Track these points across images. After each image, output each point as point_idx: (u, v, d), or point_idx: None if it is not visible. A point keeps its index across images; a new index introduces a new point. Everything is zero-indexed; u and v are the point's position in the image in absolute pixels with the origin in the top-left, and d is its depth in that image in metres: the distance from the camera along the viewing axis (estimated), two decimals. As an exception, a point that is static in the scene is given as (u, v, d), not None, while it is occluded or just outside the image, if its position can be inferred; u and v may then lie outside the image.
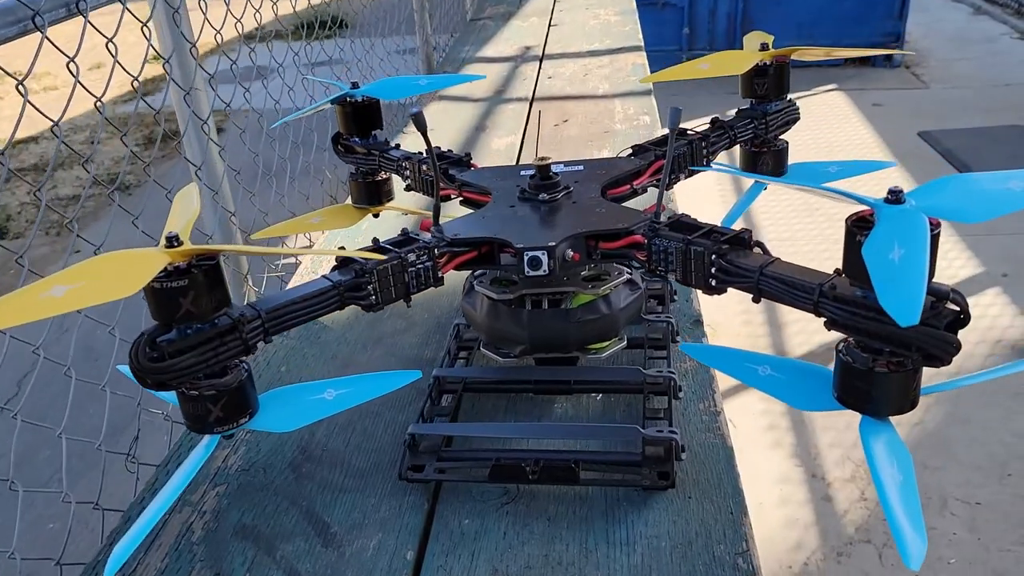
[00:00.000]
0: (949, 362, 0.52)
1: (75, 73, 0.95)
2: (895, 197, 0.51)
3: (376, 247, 0.69)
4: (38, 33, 0.81)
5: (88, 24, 0.82)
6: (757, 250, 0.63)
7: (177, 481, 0.61)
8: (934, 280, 0.52)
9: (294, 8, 1.80)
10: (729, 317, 2.61)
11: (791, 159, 0.96)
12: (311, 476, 0.75)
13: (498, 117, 1.70)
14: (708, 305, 0.98)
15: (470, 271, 0.80)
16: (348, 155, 1.00)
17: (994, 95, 4.29)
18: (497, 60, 2.13)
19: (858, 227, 0.53)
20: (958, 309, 0.51)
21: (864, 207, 0.53)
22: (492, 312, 0.76)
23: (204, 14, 1.22)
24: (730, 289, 0.63)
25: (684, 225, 0.66)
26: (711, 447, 0.74)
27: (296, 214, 1.08)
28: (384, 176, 0.99)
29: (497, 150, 1.53)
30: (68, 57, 0.93)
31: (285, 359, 0.94)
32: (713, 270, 0.62)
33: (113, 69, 1.07)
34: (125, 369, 0.62)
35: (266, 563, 0.66)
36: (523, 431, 0.75)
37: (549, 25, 2.42)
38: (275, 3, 1.60)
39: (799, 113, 0.95)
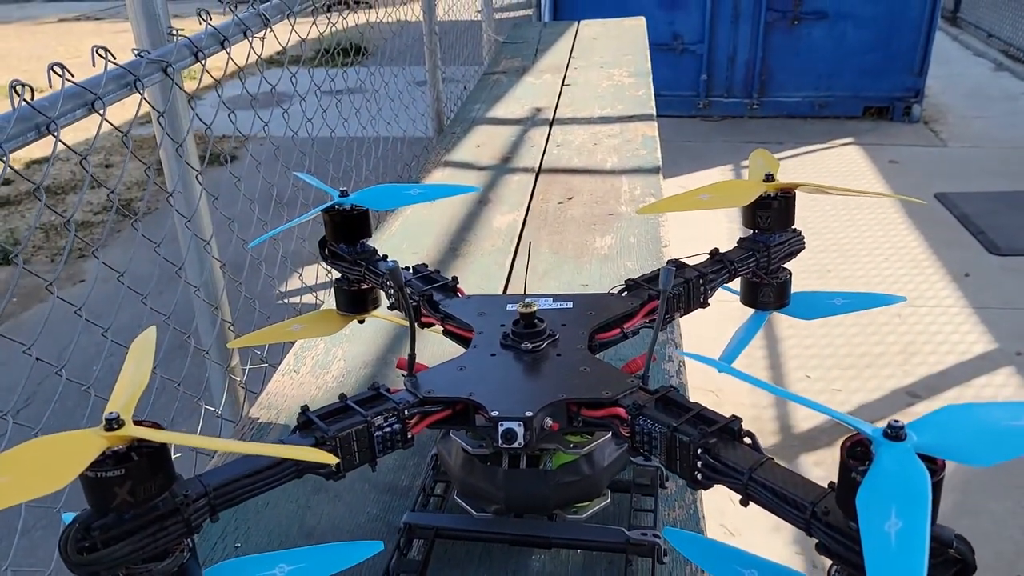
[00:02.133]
0: (950, 613, 0.47)
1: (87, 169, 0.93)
2: (895, 433, 0.46)
3: (343, 405, 0.65)
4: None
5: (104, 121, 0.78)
6: (747, 441, 0.58)
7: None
8: (938, 523, 0.47)
9: (320, 33, 1.77)
10: (734, 383, 2.56)
11: (806, 213, 0.91)
12: (267, 632, 0.70)
13: (502, 190, 1.67)
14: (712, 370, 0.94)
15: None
16: (334, 262, 0.96)
17: (1013, 157, 4.23)
18: (507, 122, 2.10)
19: (854, 457, 0.48)
20: (963, 558, 0.47)
21: (862, 435, 0.49)
22: (467, 465, 0.71)
23: (226, 49, 1.18)
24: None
25: (671, 403, 0.61)
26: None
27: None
28: (369, 286, 0.95)
29: (498, 229, 1.50)
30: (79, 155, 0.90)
31: (254, 481, 0.90)
32: (699, 464, 0.57)
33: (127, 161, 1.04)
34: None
35: None
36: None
37: (562, 85, 2.40)
38: (293, 25, 1.56)
39: (804, 243, 0.91)
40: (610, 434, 0.72)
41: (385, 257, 0.94)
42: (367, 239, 0.95)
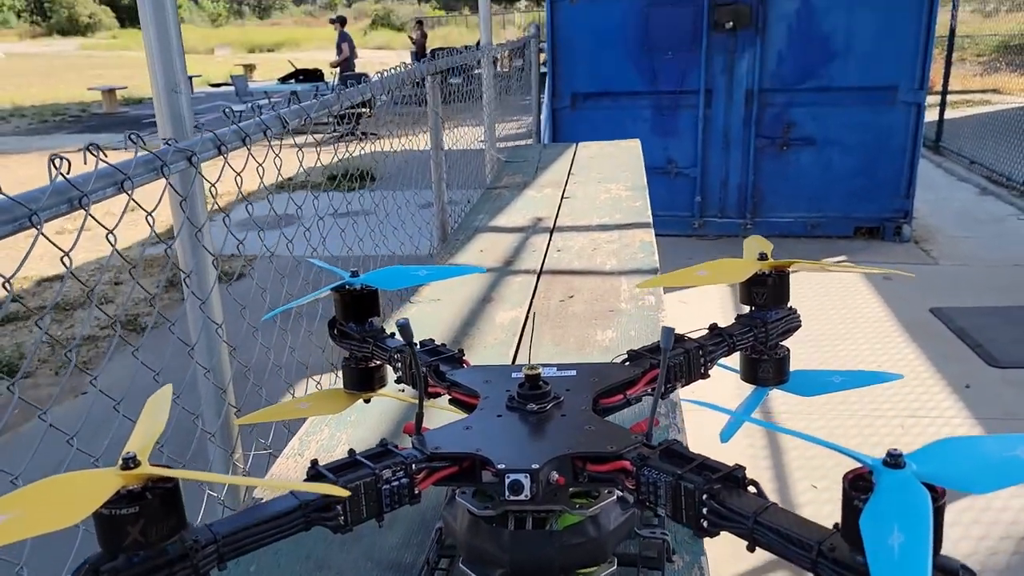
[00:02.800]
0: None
1: (68, 266, 0.97)
2: (894, 461, 0.48)
3: (352, 460, 0.66)
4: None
5: (90, 217, 0.83)
6: (752, 489, 0.59)
7: None
8: (942, 554, 0.48)
9: (333, 157, 1.86)
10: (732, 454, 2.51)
11: (805, 323, 0.93)
12: None
13: (505, 289, 1.71)
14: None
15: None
16: (343, 340, 0.98)
17: (1004, 274, 4.32)
18: (509, 230, 2.17)
19: (856, 489, 0.49)
20: (968, 587, 0.47)
21: (863, 468, 0.50)
22: (472, 528, 0.71)
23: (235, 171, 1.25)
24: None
25: (675, 455, 0.62)
26: None
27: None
28: (377, 363, 0.97)
29: (500, 324, 1.53)
30: (63, 251, 0.94)
31: (255, 557, 0.89)
32: (704, 511, 0.58)
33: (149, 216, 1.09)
34: None
35: None
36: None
37: (562, 197, 2.49)
38: (300, 153, 1.64)
39: (800, 321, 0.93)
40: (615, 497, 0.73)
41: (393, 335, 0.96)
42: (376, 318, 0.98)
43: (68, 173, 0.84)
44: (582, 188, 2.60)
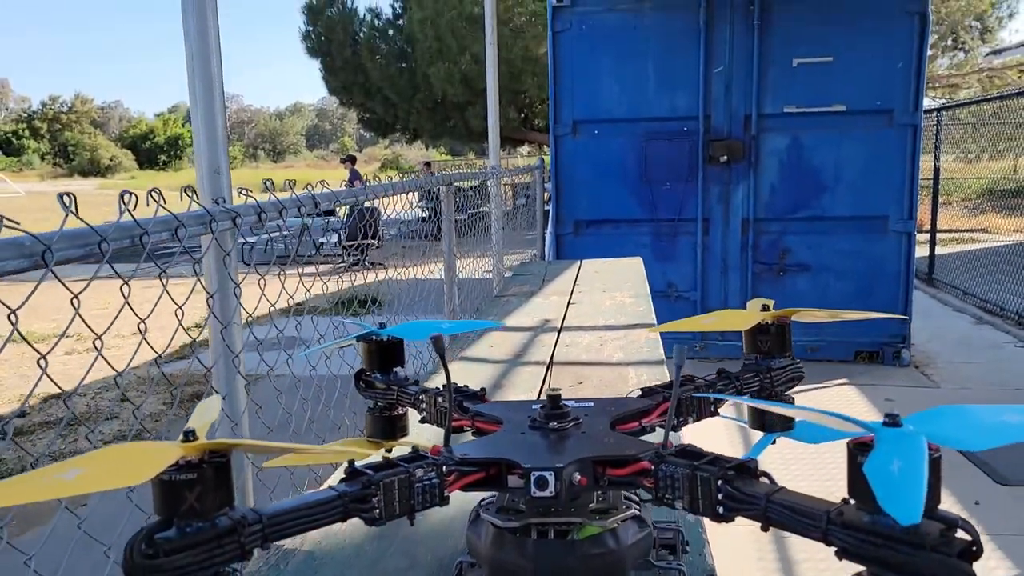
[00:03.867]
0: (964, 592, 0.50)
1: (99, 347, 1.04)
2: (893, 420, 0.52)
3: (386, 461, 0.70)
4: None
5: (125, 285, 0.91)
6: (763, 479, 0.63)
7: None
8: (941, 508, 0.52)
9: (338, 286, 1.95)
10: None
11: (807, 453, 0.98)
12: None
13: (515, 378, 1.76)
14: (720, 555, 0.95)
15: (476, 504, 0.80)
16: (368, 390, 1.03)
17: (1004, 399, 4.34)
18: (518, 329, 2.24)
19: (859, 450, 0.53)
20: (970, 538, 0.51)
21: (864, 433, 0.55)
22: (497, 541, 0.74)
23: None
24: (742, 529, 0.62)
25: (690, 453, 0.67)
26: None
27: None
28: (400, 412, 1.02)
29: (512, 407, 1.56)
30: (93, 331, 1.01)
31: (279, 591, 0.90)
32: (720, 496, 0.62)
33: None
34: None
35: None
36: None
37: (568, 303, 2.58)
38: (305, 283, 1.74)
39: (804, 372, 0.99)
40: (632, 514, 0.76)
41: (416, 382, 1.01)
42: (400, 368, 1.03)
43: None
44: (587, 296, 2.69)
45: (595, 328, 2.20)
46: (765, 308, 0.97)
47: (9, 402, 4.87)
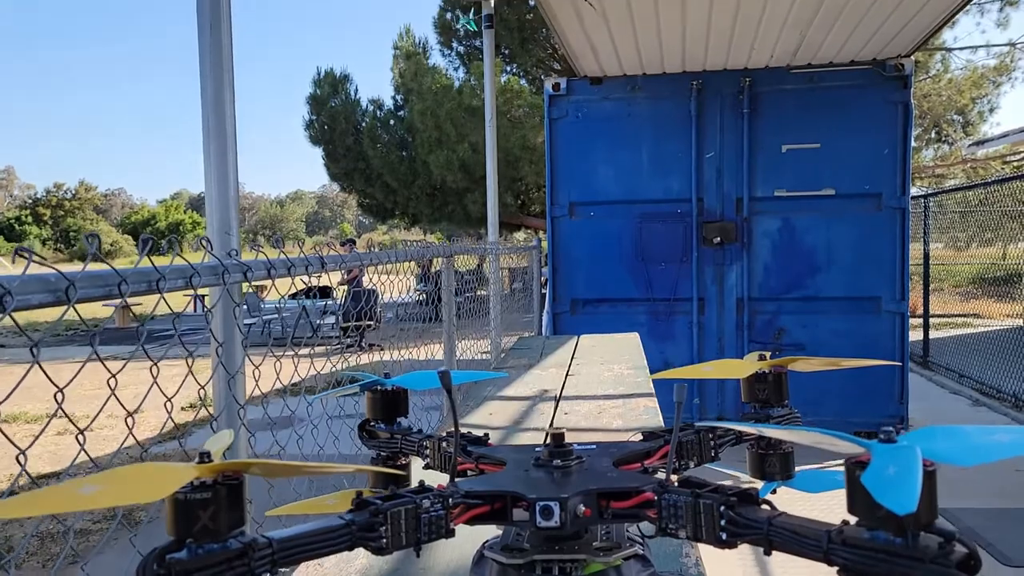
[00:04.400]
0: (965, 603, 0.51)
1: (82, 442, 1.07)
2: (887, 437, 0.54)
3: (393, 493, 0.71)
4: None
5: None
6: (765, 506, 0.64)
7: None
8: (939, 522, 0.53)
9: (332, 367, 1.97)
10: None
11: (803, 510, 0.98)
12: None
13: (515, 443, 1.76)
14: None
15: (480, 545, 0.80)
16: (371, 440, 1.04)
17: (1007, 479, 4.30)
18: (516, 399, 2.25)
19: (856, 467, 0.55)
20: (967, 551, 0.52)
21: (860, 450, 0.56)
22: (501, 579, 0.74)
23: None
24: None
25: (693, 482, 0.68)
26: None
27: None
28: (404, 462, 1.03)
29: (512, 471, 1.56)
30: (79, 428, 1.03)
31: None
32: (723, 523, 0.63)
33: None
34: None
35: None
36: None
37: (566, 375, 2.59)
38: (298, 361, 1.77)
39: (801, 420, 1.00)
40: (636, 549, 0.76)
41: (420, 431, 1.03)
42: (403, 418, 1.04)
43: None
44: (585, 368, 2.71)
45: (594, 397, 2.21)
46: (762, 357, 0.99)
47: (-1, 481, 4.79)
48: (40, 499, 0.51)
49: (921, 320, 8.92)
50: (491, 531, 0.82)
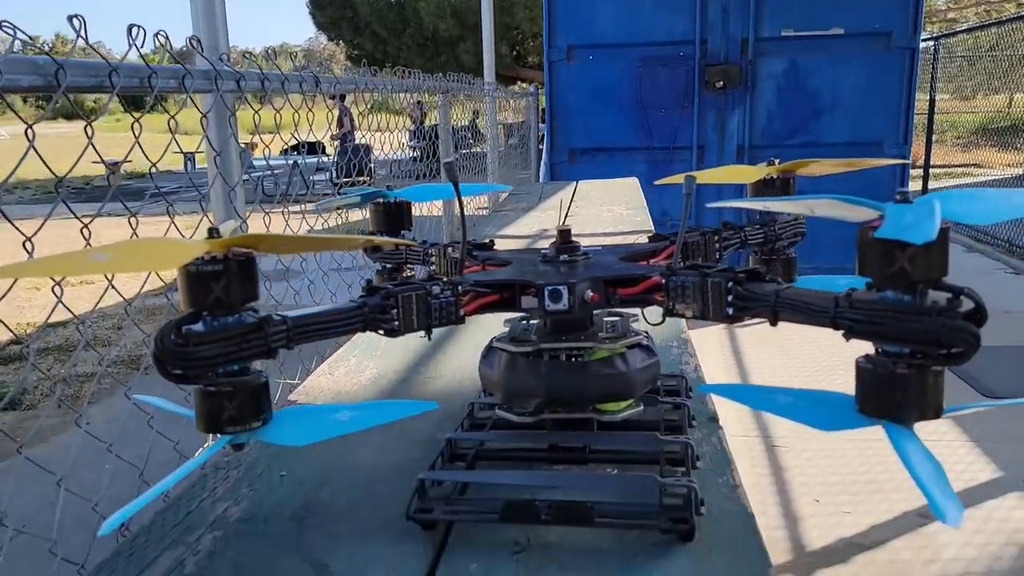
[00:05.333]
0: (970, 356, 0.52)
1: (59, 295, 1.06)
2: (903, 197, 0.54)
3: (403, 280, 0.71)
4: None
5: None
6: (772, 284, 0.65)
7: (181, 469, 0.59)
8: (947, 279, 0.54)
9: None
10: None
11: (794, 350, 0.99)
12: (312, 528, 0.72)
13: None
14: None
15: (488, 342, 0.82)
16: (375, 253, 1.04)
17: (995, 321, 4.37)
18: (517, 237, 2.25)
19: (870, 229, 0.55)
20: (974, 304, 0.53)
21: (875, 215, 0.56)
22: (510, 366, 0.76)
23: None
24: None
25: (700, 266, 0.68)
26: (731, 513, 0.71)
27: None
28: (409, 274, 1.03)
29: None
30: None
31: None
32: (730, 298, 0.64)
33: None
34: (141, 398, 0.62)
35: (259, 595, 0.62)
36: (538, 479, 0.72)
37: (565, 216, 2.58)
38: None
39: (805, 228, 1.00)
40: (642, 337, 0.78)
41: (425, 241, 1.03)
42: (407, 231, 1.04)
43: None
44: (585, 210, 2.70)
45: (593, 235, 2.21)
46: (771, 162, 0.98)
47: (4, 329, 4.87)
48: (55, 262, 0.51)
49: (921, 171, 8.85)
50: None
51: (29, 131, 0.79)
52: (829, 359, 3.81)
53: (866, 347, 0.59)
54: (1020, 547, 2.23)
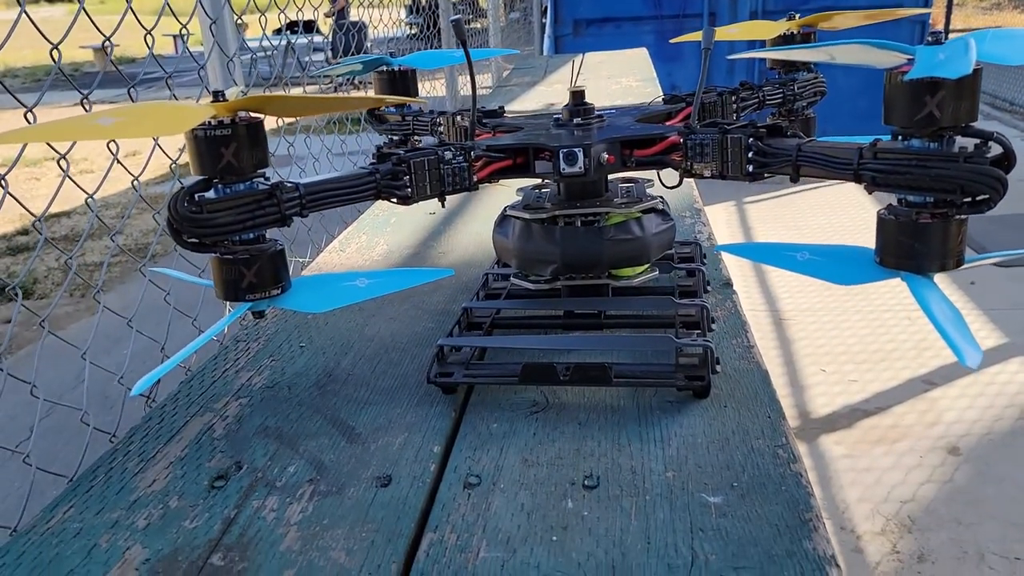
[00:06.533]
0: (996, 202, 0.51)
1: (115, 152, 1.02)
2: (936, 39, 0.51)
3: (414, 148, 0.70)
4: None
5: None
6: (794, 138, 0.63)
7: (209, 331, 0.60)
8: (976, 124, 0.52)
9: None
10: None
11: (807, 230, 0.97)
12: (336, 393, 0.74)
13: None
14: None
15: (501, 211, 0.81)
16: (381, 124, 1.02)
17: (1011, 189, 4.35)
18: (522, 112, 2.20)
19: (898, 74, 0.53)
20: (1003, 148, 0.51)
21: (903, 59, 0.54)
22: (525, 233, 0.76)
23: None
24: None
25: (719, 122, 0.67)
26: (746, 371, 0.72)
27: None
28: (416, 143, 1.01)
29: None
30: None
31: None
32: (750, 154, 0.62)
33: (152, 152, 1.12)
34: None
35: (288, 455, 0.64)
36: (555, 343, 0.73)
37: (575, 80, 2.51)
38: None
39: (826, 87, 0.97)
40: (657, 201, 0.77)
41: (432, 110, 1.00)
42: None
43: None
44: (592, 83, 2.62)
45: (602, 107, 2.15)
46: (791, 16, 0.94)
47: (11, 221, 4.89)
48: (60, 128, 0.50)
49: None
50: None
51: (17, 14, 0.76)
52: (840, 236, 3.80)
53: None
54: (1021, 408, 2.28)
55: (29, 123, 0.77)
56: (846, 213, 4.02)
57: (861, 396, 2.42)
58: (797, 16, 0.94)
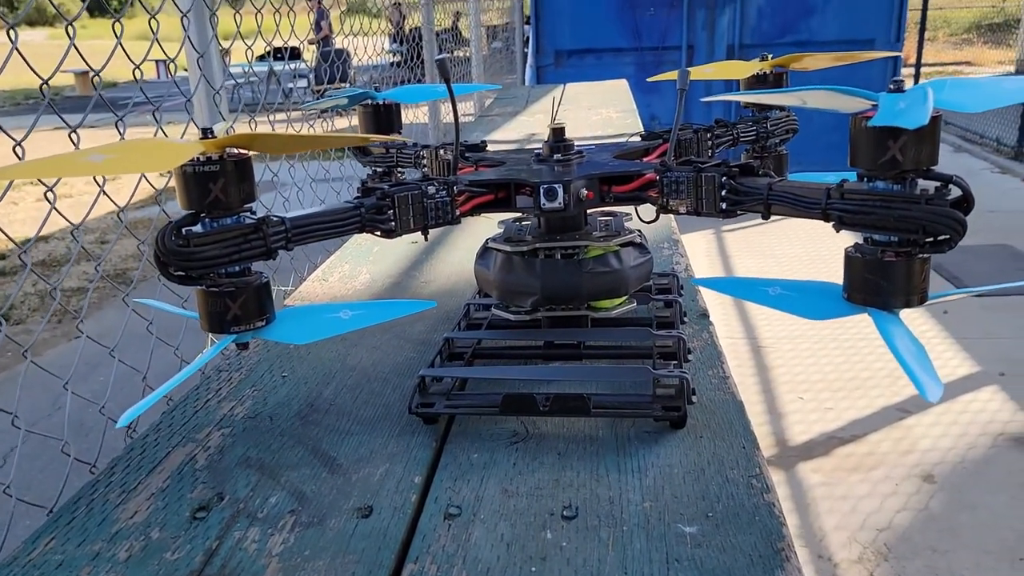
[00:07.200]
0: (956, 242, 0.54)
1: (101, 184, 1.04)
2: (897, 86, 0.54)
3: (398, 182, 0.71)
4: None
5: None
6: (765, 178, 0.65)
7: (192, 365, 0.60)
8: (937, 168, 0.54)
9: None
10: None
11: (779, 250, 1.00)
12: (317, 423, 0.74)
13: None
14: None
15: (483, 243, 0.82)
16: (365, 157, 1.04)
17: (978, 220, 4.43)
18: (504, 142, 2.23)
19: (862, 119, 0.55)
20: (961, 191, 0.54)
21: (868, 104, 0.56)
22: (506, 265, 0.78)
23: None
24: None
25: (694, 161, 0.69)
26: (721, 401, 0.74)
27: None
28: (401, 175, 1.03)
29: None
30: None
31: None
32: (724, 192, 0.65)
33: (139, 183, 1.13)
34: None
35: (270, 485, 0.64)
36: (535, 373, 0.75)
37: (555, 116, 2.54)
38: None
39: (798, 124, 1.00)
40: (635, 234, 0.79)
41: (415, 143, 1.02)
42: (397, 133, 1.03)
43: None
44: (573, 113, 2.67)
45: (582, 139, 2.19)
46: (763, 58, 0.97)
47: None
48: (50, 164, 0.51)
49: (913, 70, 8.72)
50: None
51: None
52: (815, 265, 3.86)
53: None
54: (994, 436, 2.32)
55: (18, 156, 0.78)
56: (823, 243, 4.08)
57: (837, 424, 2.45)
58: (770, 56, 0.97)
